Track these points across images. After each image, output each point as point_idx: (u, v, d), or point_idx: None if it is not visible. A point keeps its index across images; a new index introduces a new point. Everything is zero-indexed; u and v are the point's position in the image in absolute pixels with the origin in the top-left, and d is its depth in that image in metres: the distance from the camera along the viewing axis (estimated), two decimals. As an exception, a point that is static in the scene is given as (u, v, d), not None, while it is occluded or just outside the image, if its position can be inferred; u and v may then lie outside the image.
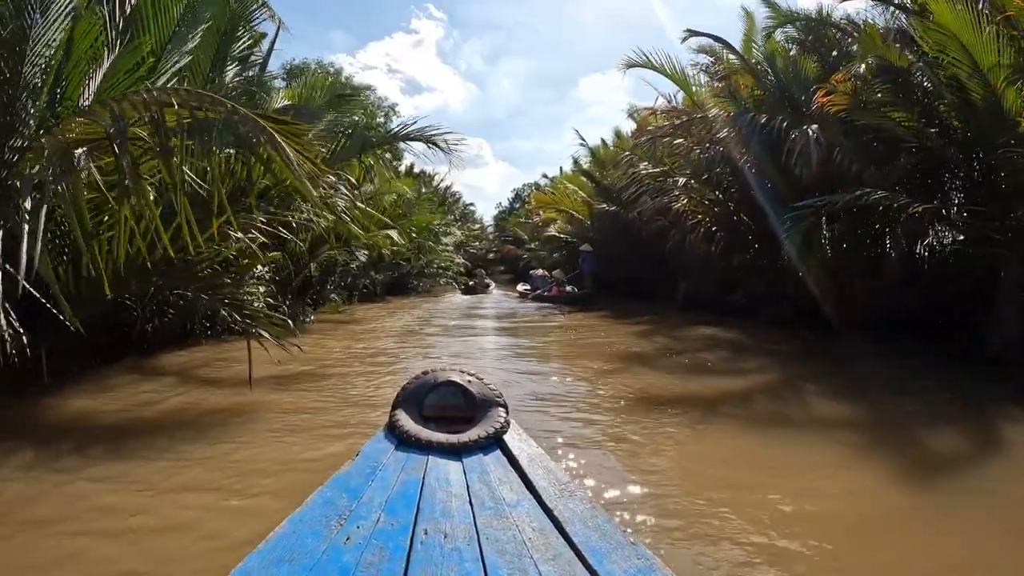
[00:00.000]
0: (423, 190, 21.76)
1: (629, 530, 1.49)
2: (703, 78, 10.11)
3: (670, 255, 10.47)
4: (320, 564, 1.18)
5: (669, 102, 10.29)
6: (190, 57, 5.52)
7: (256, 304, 6.68)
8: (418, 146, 7.09)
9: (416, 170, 26.95)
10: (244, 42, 6.68)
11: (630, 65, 10.29)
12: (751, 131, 7.42)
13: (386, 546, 1.26)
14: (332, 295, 10.37)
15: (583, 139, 16.10)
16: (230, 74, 6.45)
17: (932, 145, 6.55)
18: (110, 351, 5.25)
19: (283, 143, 2.42)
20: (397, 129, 7.22)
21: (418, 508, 1.44)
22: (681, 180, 8.97)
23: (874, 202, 5.90)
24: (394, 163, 24.94)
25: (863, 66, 6.30)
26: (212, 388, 4.28)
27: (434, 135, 7.17)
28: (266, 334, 3.96)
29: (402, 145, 7.98)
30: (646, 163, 9.50)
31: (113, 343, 5.31)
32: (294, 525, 1.33)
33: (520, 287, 18.22)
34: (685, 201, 9.06)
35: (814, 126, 7.09)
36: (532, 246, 26.73)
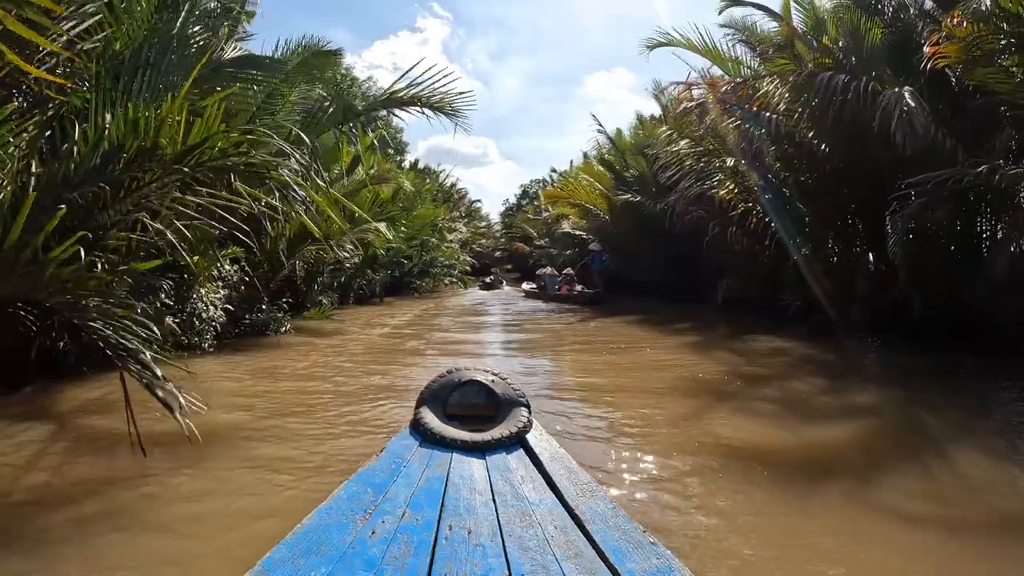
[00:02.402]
0: (427, 182, 20.38)
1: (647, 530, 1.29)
2: (740, 50, 8.71)
3: (708, 250, 9.04)
4: (346, 557, 1.18)
5: (703, 78, 8.89)
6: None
7: (213, 312, 5.38)
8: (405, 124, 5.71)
9: (420, 166, 25.66)
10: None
11: (653, 46, 8.95)
12: (825, 97, 6.00)
13: (411, 540, 1.26)
14: (320, 298, 9.01)
15: (601, 125, 14.65)
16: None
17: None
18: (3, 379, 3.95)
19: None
20: (388, 92, 5.83)
21: (442, 504, 1.44)
22: (730, 161, 7.53)
23: (1013, 177, 4.50)
24: (398, 158, 23.69)
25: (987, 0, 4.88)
26: (96, 447, 2.89)
27: (435, 96, 5.81)
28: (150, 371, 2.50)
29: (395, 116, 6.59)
30: (687, 141, 8.05)
31: (9, 368, 4.00)
32: (320, 518, 1.32)
33: (526, 285, 17.52)
34: (731, 187, 7.63)
35: (907, 88, 5.69)
36: (542, 243, 25.39)
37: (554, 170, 29.19)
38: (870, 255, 8.03)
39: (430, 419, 1.92)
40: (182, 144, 2.90)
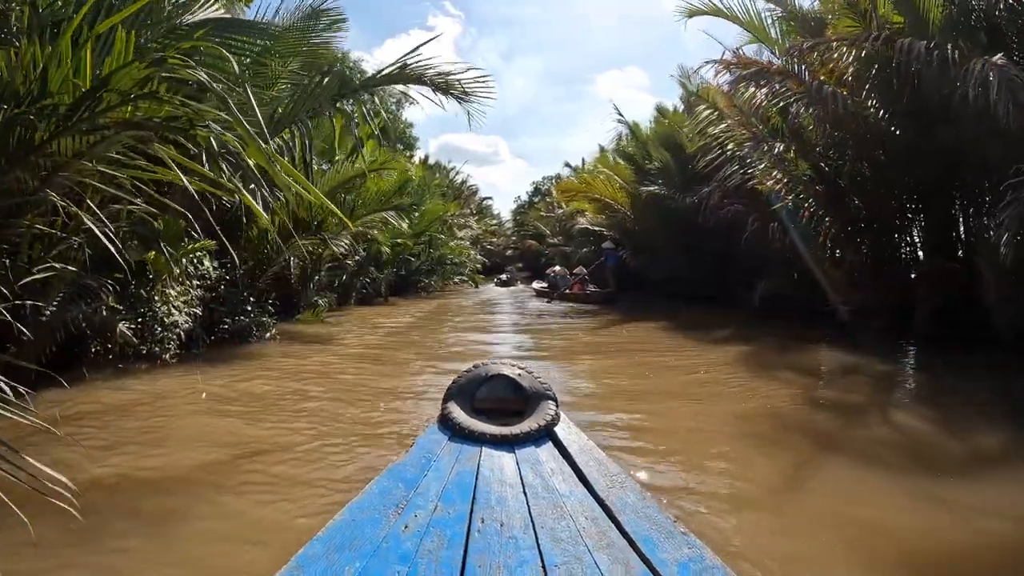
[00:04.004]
0: (436, 177, 19.58)
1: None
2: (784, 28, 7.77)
3: (747, 247, 8.10)
4: (380, 551, 1.17)
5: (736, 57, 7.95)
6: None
7: (177, 316, 4.58)
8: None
9: (430, 163, 24.81)
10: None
11: (692, 13, 8.10)
12: (904, 67, 5.06)
13: (444, 533, 1.25)
14: (316, 298, 8.18)
15: (621, 114, 13.73)
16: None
17: None
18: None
19: None
20: (392, 68, 4.98)
21: (474, 498, 1.43)
22: (779, 146, 6.58)
23: None
24: (407, 153, 22.87)
25: None
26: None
27: (447, 77, 4.98)
28: None
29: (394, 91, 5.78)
30: (728, 122, 7.09)
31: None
32: (352, 513, 1.31)
33: (536, 284, 16.95)
34: (778, 176, 6.70)
35: (998, 56, 4.77)
36: (555, 241, 24.48)
37: (568, 164, 28.18)
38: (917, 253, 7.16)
39: (458, 414, 1.91)
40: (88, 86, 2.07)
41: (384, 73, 5.07)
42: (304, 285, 8.03)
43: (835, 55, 5.33)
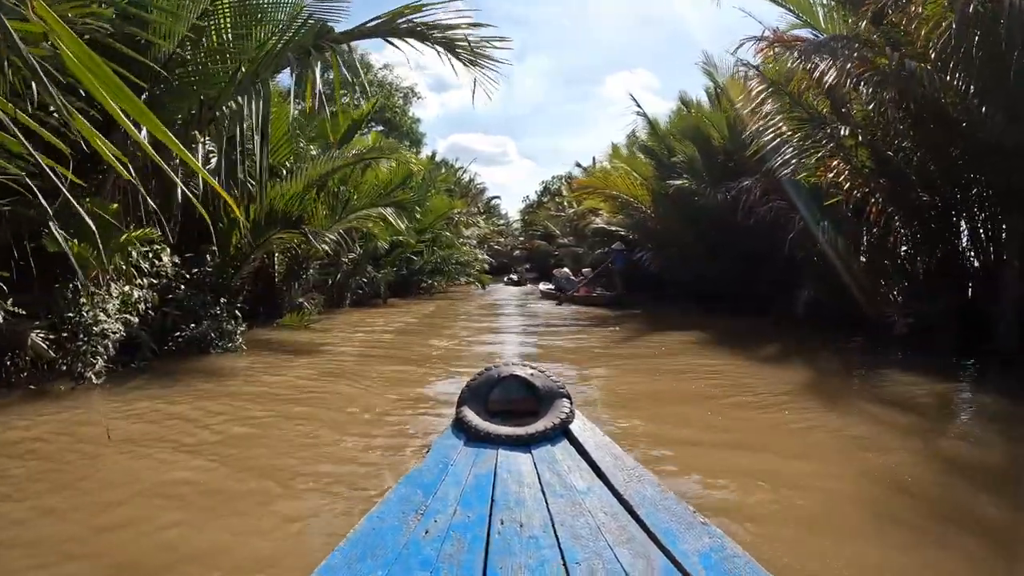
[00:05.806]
0: (442, 171, 18.69)
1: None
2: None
3: (789, 247, 7.12)
4: (402, 558, 1.16)
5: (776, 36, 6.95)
6: None
7: (107, 324, 3.66)
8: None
9: (438, 159, 23.91)
10: None
11: (722, -9, 7.17)
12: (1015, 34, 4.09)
13: (464, 537, 1.24)
14: (301, 300, 7.25)
15: (639, 106, 12.77)
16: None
17: None
18: None
19: None
20: (386, 17, 4.04)
21: (492, 500, 1.42)
22: (845, 130, 5.58)
23: None
24: (413, 150, 22.01)
25: None
26: None
27: (445, 29, 4.06)
28: None
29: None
30: (780, 103, 6.07)
31: None
32: (372, 522, 1.30)
33: (542, 286, 16.86)
34: (839, 165, 5.71)
35: None
36: (565, 241, 23.54)
37: (579, 164, 27.06)
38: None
39: (472, 417, 1.88)
40: None
41: (371, 24, 4.14)
42: (288, 285, 7.12)
43: (922, 16, 4.35)
